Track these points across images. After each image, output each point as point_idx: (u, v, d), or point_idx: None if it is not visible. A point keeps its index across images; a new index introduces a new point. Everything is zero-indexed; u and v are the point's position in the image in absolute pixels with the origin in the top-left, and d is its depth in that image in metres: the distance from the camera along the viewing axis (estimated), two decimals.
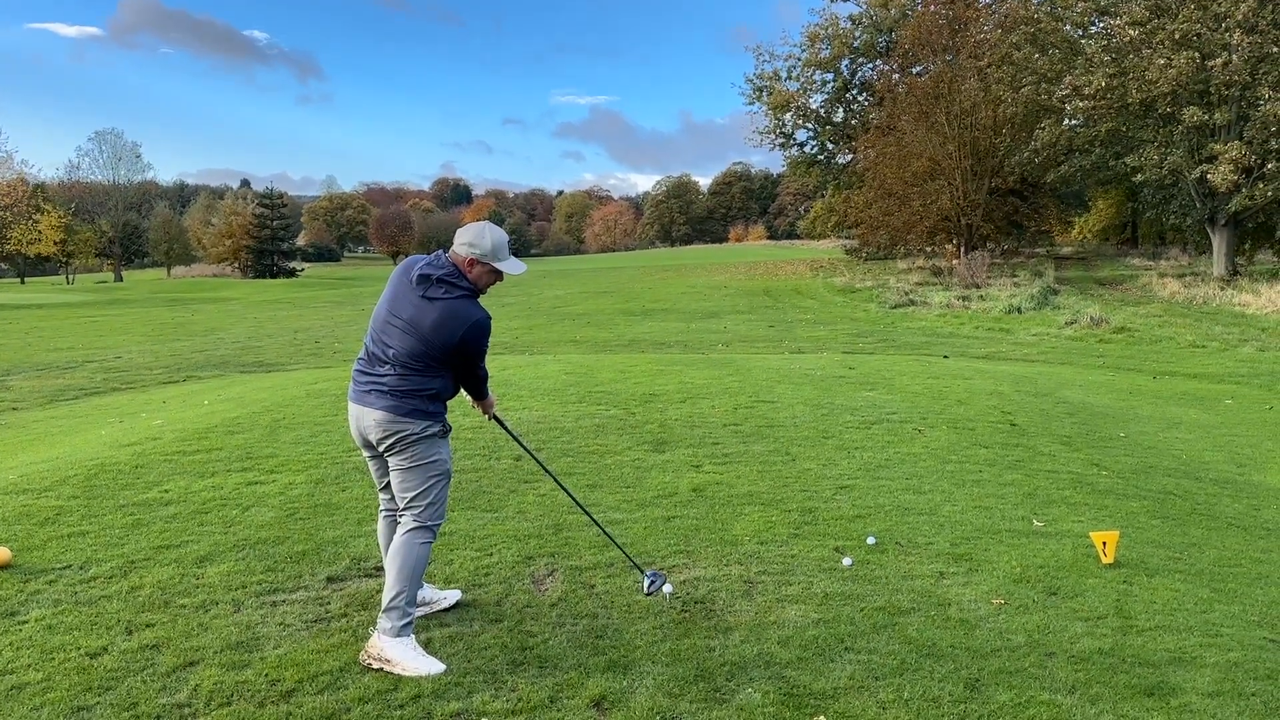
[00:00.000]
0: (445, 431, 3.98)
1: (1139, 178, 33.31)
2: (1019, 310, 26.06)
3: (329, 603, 4.38)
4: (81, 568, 4.74)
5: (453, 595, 4.36)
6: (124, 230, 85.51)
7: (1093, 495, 6.52)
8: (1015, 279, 33.67)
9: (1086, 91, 31.03)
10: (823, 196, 61.70)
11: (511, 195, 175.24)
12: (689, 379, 11.09)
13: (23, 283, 74.51)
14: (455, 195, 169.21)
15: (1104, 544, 5.01)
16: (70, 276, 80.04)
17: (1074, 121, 35.59)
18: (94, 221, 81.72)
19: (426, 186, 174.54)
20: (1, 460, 8.16)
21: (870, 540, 5.28)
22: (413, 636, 3.78)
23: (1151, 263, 39.07)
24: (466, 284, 3.84)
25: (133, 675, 3.59)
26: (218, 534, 5.33)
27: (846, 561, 4.93)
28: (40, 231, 71.25)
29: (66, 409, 12.69)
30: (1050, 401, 10.83)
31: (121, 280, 76.20)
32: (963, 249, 40.46)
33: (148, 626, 4.03)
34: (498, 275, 3.93)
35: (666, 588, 4.46)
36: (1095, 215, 58.73)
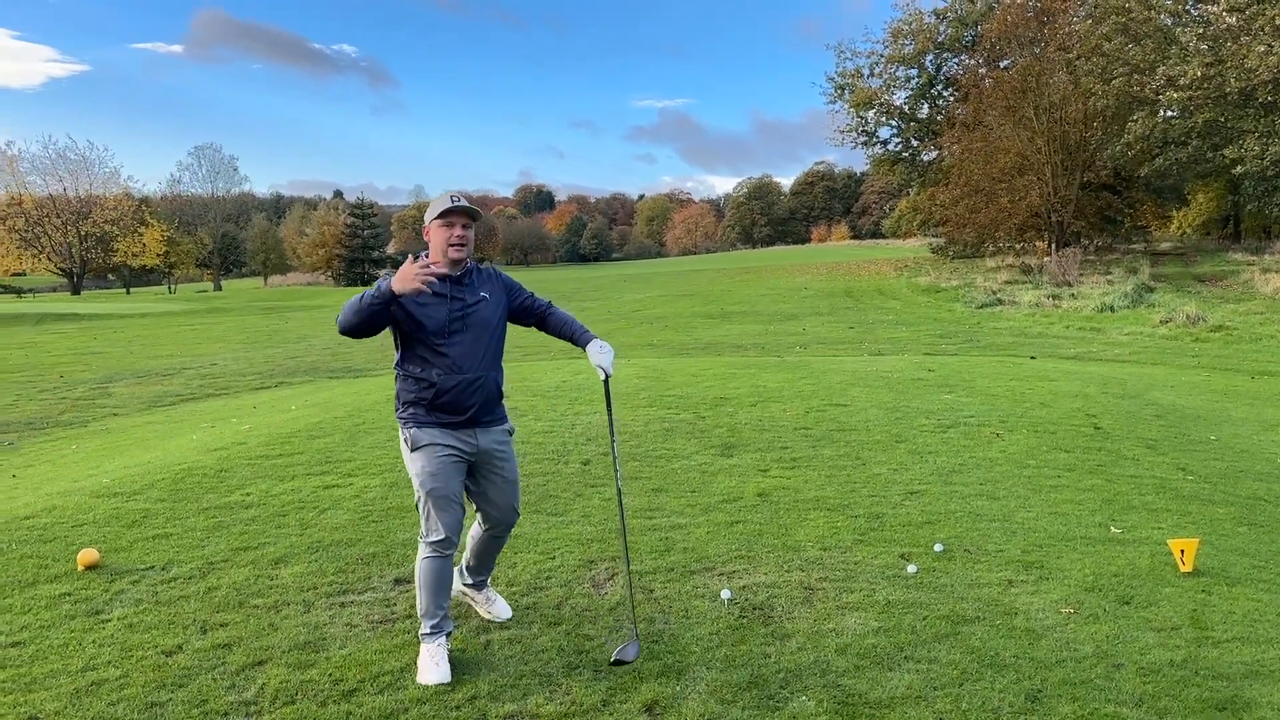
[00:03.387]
0: (420, 442, 3.80)
1: (1239, 170, 31.91)
2: (1111, 309, 25.22)
3: (395, 604, 4.49)
4: (163, 568, 4.95)
5: (502, 611, 4.32)
6: (223, 241, 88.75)
7: (1176, 501, 6.29)
8: (1109, 276, 32.59)
9: (1182, 82, 29.89)
10: (907, 194, 60.64)
11: (593, 200, 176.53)
12: (761, 382, 11.04)
13: (128, 293, 77.87)
14: (538, 201, 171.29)
15: (1182, 551, 4.84)
16: (172, 286, 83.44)
17: (1169, 113, 34.28)
18: (194, 233, 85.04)
19: (509, 193, 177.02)
20: (99, 464, 8.56)
21: (938, 547, 5.19)
22: (436, 644, 3.77)
23: (1255, 257, 37.32)
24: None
25: (204, 673, 3.73)
26: (294, 536, 5.51)
27: (911, 569, 4.86)
28: (145, 244, 74.58)
29: (163, 414, 13.23)
30: (1138, 403, 10.47)
31: (220, 289, 79.06)
32: (1053, 246, 39.35)
33: (221, 626, 4.19)
34: (439, 222, 3.85)
35: (725, 593, 4.46)
36: (1194, 209, 56.37)
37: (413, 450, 3.81)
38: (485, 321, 3.87)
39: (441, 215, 3.81)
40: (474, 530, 4.18)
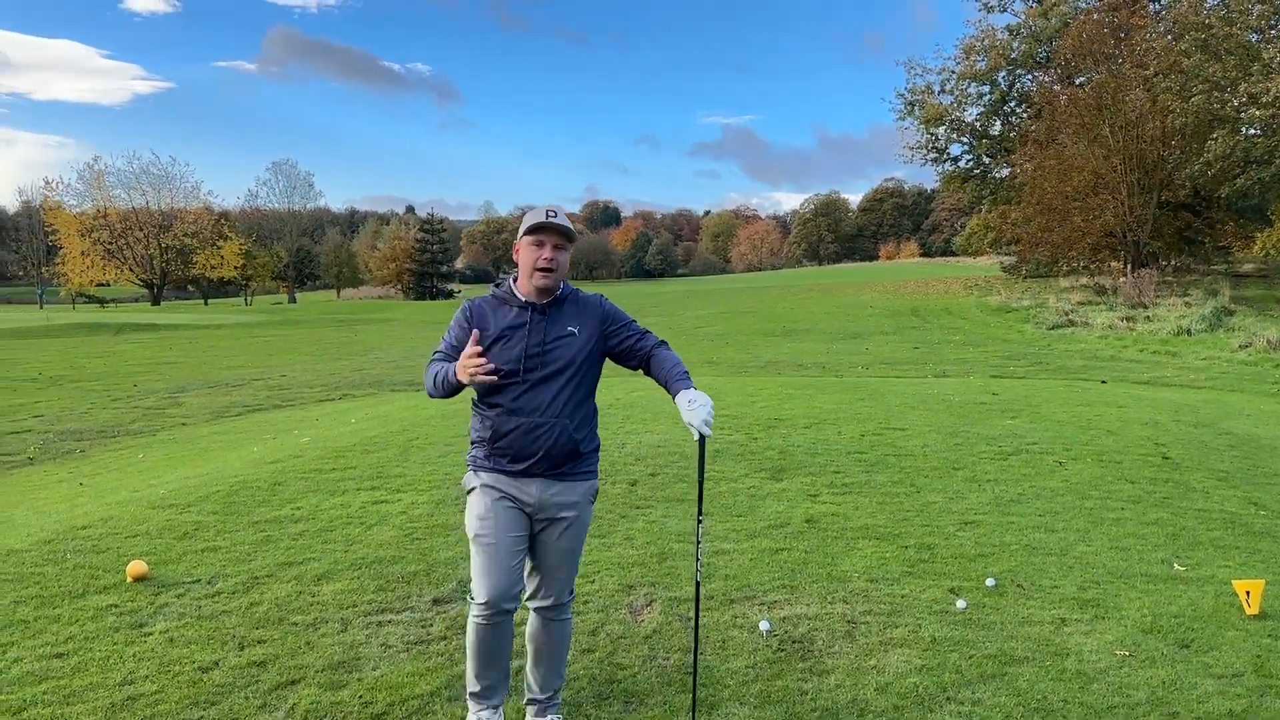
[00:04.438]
0: (473, 483, 3.43)
1: None
2: (1188, 332, 24.41)
3: (431, 624, 4.48)
4: (209, 582, 5.01)
5: None
6: (298, 255, 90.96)
7: (1245, 537, 6.00)
8: (1186, 298, 31.56)
9: (1265, 99, 28.88)
10: (979, 212, 59.64)
11: (659, 216, 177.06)
12: (817, 404, 10.88)
13: (206, 304, 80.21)
14: (604, 217, 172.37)
15: (1248, 593, 4.60)
16: (248, 298, 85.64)
17: (1251, 131, 33.15)
18: (271, 247, 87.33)
19: (576, 209, 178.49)
20: (161, 474, 8.75)
21: (989, 582, 5.01)
22: (483, 711, 3.44)
23: None
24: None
25: (238, 691, 3.75)
26: (339, 552, 5.55)
27: (960, 604, 4.70)
28: (223, 257, 76.80)
29: (229, 424, 13.51)
30: (1211, 433, 10.06)
31: (295, 302, 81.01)
32: (1129, 266, 38.28)
33: (259, 643, 4.22)
34: (529, 239, 3.35)
35: (764, 624, 4.36)
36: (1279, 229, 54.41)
37: (467, 492, 3.45)
38: (564, 361, 3.32)
39: (532, 231, 3.32)
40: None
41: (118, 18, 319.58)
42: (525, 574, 3.41)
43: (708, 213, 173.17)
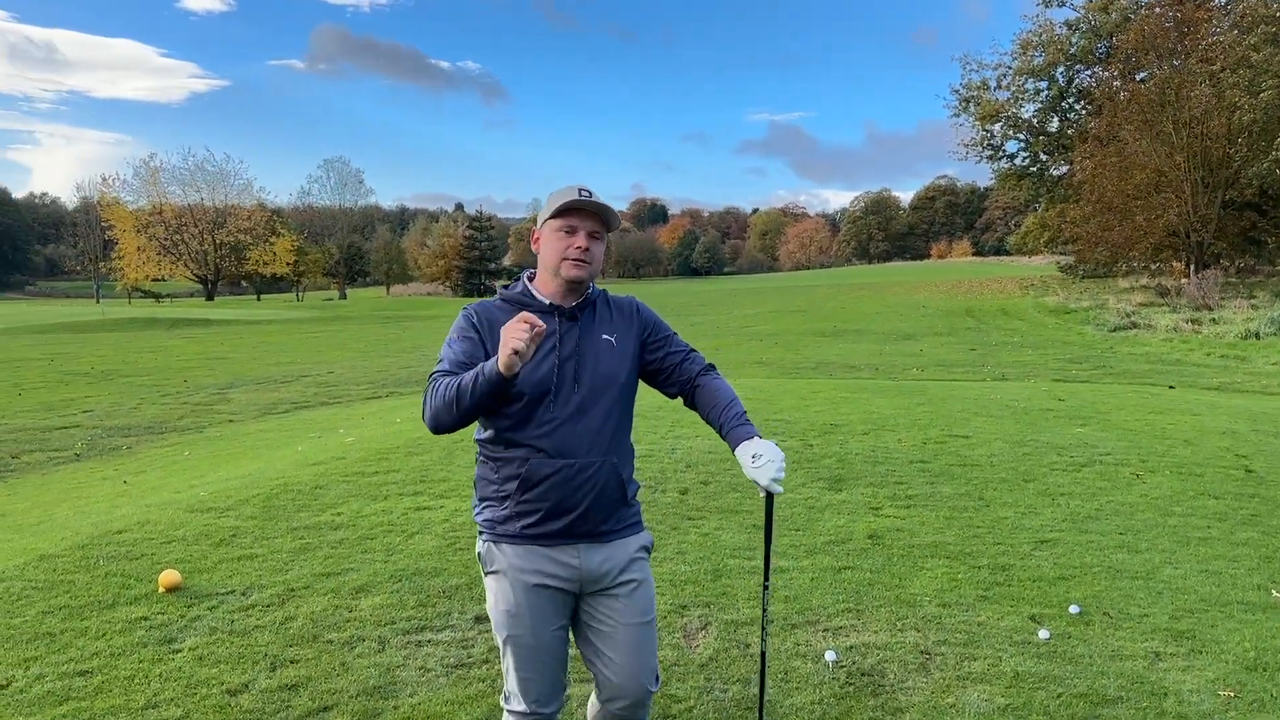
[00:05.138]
0: (495, 564, 2.64)
1: None
2: (1257, 335, 23.48)
3: (473, 645, 4.21)
4: (243, 593, 4.79)
5: None
6: (348, 251, 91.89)
7: None
8: (1253, 300, 30.48)
9: None
10: (1035, 210, 58.40)
11: (706, 214, 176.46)
12: (874, 408, 10.47)
13: (259, 300, 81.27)
14: (652, 214, 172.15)
15: None
16: (300, 294, 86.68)
17: None
18: (322, 243, 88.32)
19: (624, 207, 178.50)
20: (204, 474, 8.62)
21: (1073, 609, 4.63)
22: None
23: None
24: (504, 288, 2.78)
25: (266, 718, 3.51)
26: (379, 562, 5.31)
27: (1043, 634, 4.32)
28: (275, 253, 77.88)
29: (276, 422, 13.43)
30: None
31: (345, 298, 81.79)
32: (1192, 267, 37.13)
33: (292, 663, 3.98)
34: (556, 223, 2.62)
35: (829, 655, 4.03)
36: None
37: (487, 573, 2.68)
38: (607, 377, 2.60)
39: (560, 214, 2.59)
40: (591, 701, 2.87)
41: (175, 17, 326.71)
42: (587, 664, 2.74)
43: (756, 210, 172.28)
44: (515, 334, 2.26)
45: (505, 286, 2.73)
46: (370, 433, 10.50)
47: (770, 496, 2.65)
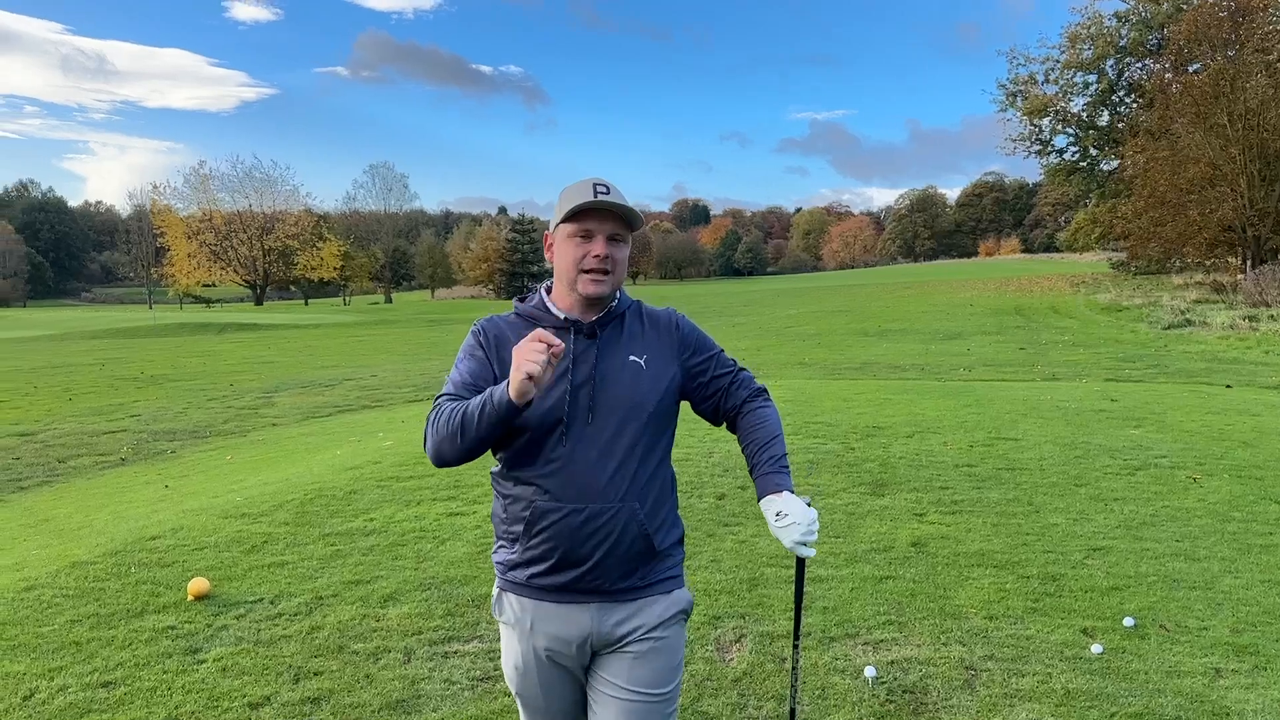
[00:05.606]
0: (502, 613, 2.32)
1: None
2: None
3: (499, 657, 4.08)
4: (272, 602, 4.73)
5: None
6: (394, 255, 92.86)
7: None
8: None
9: None
10: (1085, 206, 57.32)
11: (748, 214, 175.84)
12: (919, 410, 10.23)
13: (306, 304, 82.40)
14: (694, 215, 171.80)
15: None
16: (346, 298, 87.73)
17: None
18: (368, 248, 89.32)
19: (665, 208, 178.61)
20: (242, 479, 8.63)
21: (1128, 621, 4.41)
22: None
23: None
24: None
25: None
26: (409, 569, 5.23)
27: (1095, 648, 4.12)
28: (322, 258, 78.89)
29: (318, 425, 13.49)
30: None
31: (390, 302, 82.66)
32: (1248, 263, 36.12)
33: (315, 675, 3.90)
34: (570, 228, 2.23)
35: (869, 671, 3.86)
36: None
37: (499, 620, 2.36)
38: (631, 406, 2.19)
39: (574, 217, 2.21)
40: None
41: (223, 26, 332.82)
42: None
43: (799, 210, 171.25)
44: (529, 355, 1.92)
45: (521, 299, 2.37)
46: (408, 436, 10.47)
47: (801, 561, 2.30)
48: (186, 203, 78.58)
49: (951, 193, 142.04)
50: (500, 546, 2.29)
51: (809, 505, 2.14)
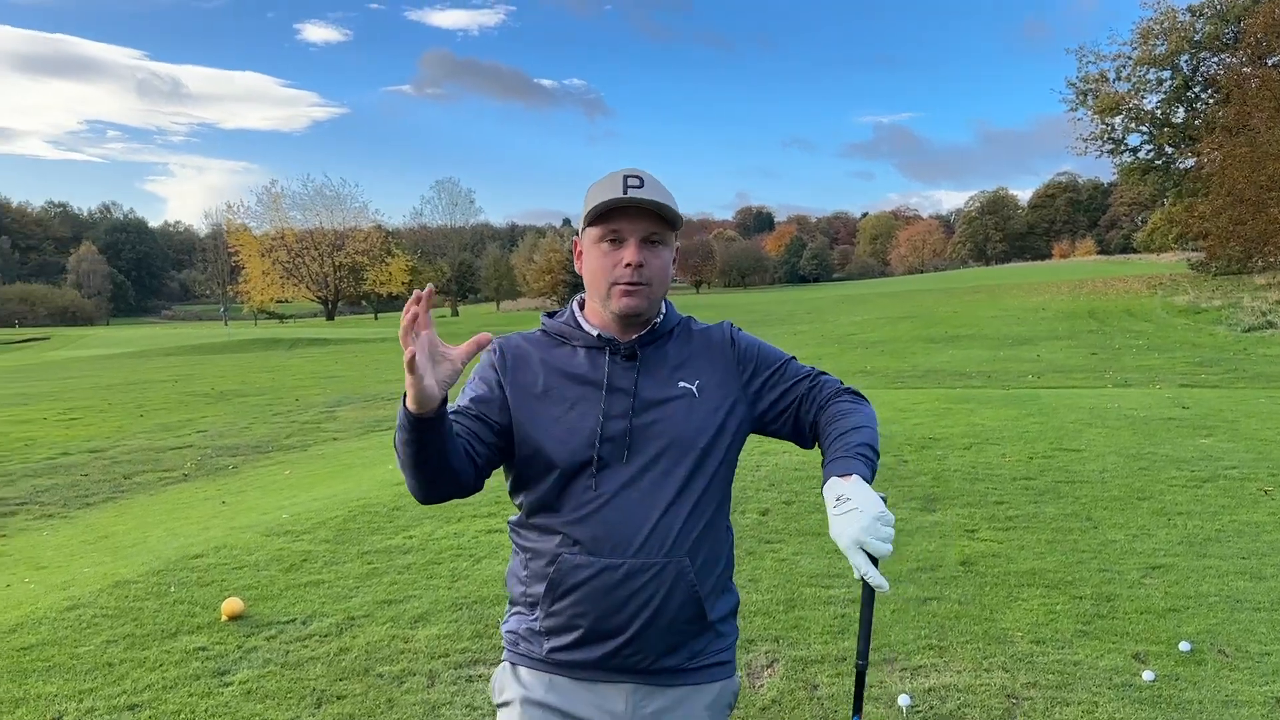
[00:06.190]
0: (505, 694, 1.91)
1: None
2: None
3: None
4: (303, 622, 4.73)
5: None
6: (460, 269, 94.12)
7: None
8: None
9: None
10: (1162, 205, 55.61)
11: (814, 220, 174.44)
12: (978, 420, 9.94)
13: (376, 318, 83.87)
14: (758, 222, 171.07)
15: None
16: None
17: None
18: (435, 262, 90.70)
19: (728, 216, 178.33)
20: (296, 494, 8.73)
21: (1184, 646, 4.17)
22: None
23: None
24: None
25: None
26: (442, 589, 5.20)
27: (1147, 675, 3.89)
28: (390, 273, 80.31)
29: (376, 440, 13.64)
30: None
31: (457, 315, 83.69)
32: None
33: (339, 699, 3.87)
34: (597, 231, 1.88)
35: (903, 699, 3.70)
36: None
37: (496, 703, 1.94)
38: (680, 442, 1.83)
39: (601, 218, 1.85)
40: None
41: (295, 48, 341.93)
42: None
43: (865, 214, 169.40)
44: (403, 344, 1.54)
45: (550, 314, 2.02)
46: None
47: (867, 586, 1.77)
48: (260, 221, 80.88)
49: (1023, 194, 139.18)
50: (515, 613, 1.91)
51: (884, 502, 1.70)
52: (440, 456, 1.66)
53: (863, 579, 1.73)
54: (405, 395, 1.59)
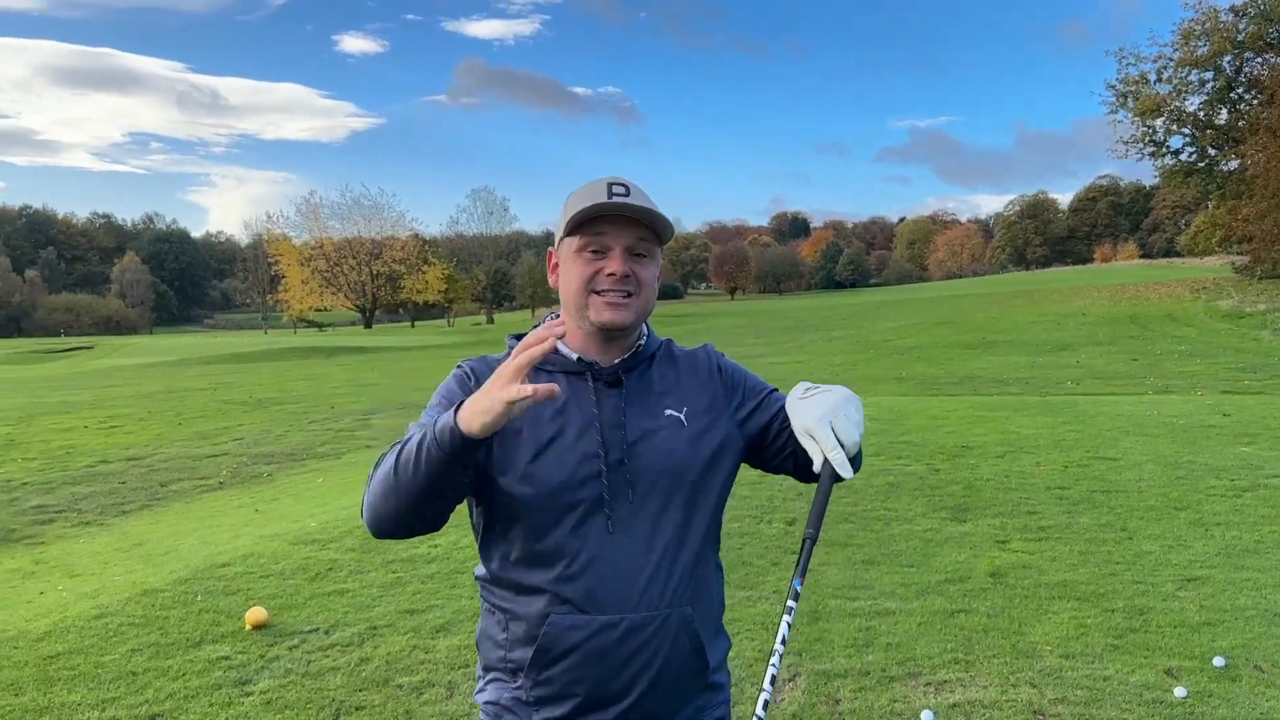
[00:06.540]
0: None
1: None
2: None
3: None
4: (326, 632, 4.75)
5: None
6: (495, 277, 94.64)
7: None
8: None
9: None
10: (1205, 208, 54.63)
11: (850, 225, 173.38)
12: (1013, 428, 9.79)
13: (413, 326, 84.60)
14: (793, 228, 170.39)
15: None
16: (450, 320, 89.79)
17: None
18: (471, 270, 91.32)
19: (764, 221, 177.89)
20: (327, 502, 8.79)
21: (1218, 661, 4.05)
22: None
23: None
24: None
25: None
26: (464, 598, 5.20)
27: (1179, 692, 3.79)
28: (427, 281, 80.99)
29: None
30: None
31: (493, 322, 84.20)
32: None
33: (357, 709, 3.87)
34: (575, 242, 1.68)
35: (926, 715, 3.63)
36: None
37: None
38: (671, 475, 1.65)
39: (580, 228, 1.66)
40: None
41: (334, 59, 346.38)
42: None
43: (902, 219, 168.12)
44: (512, 375, 1.36)
45: (518, 336, 1.71)
46: None
47: (829, 469, 1.56)
48: (299, 231, 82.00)
49: (1064, 197, 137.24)
50: (493, 680, 1.70)
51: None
52: (452, 486, 1.48)
53: (825, 461, 1.56)
54: (456, 414, 1.40)
